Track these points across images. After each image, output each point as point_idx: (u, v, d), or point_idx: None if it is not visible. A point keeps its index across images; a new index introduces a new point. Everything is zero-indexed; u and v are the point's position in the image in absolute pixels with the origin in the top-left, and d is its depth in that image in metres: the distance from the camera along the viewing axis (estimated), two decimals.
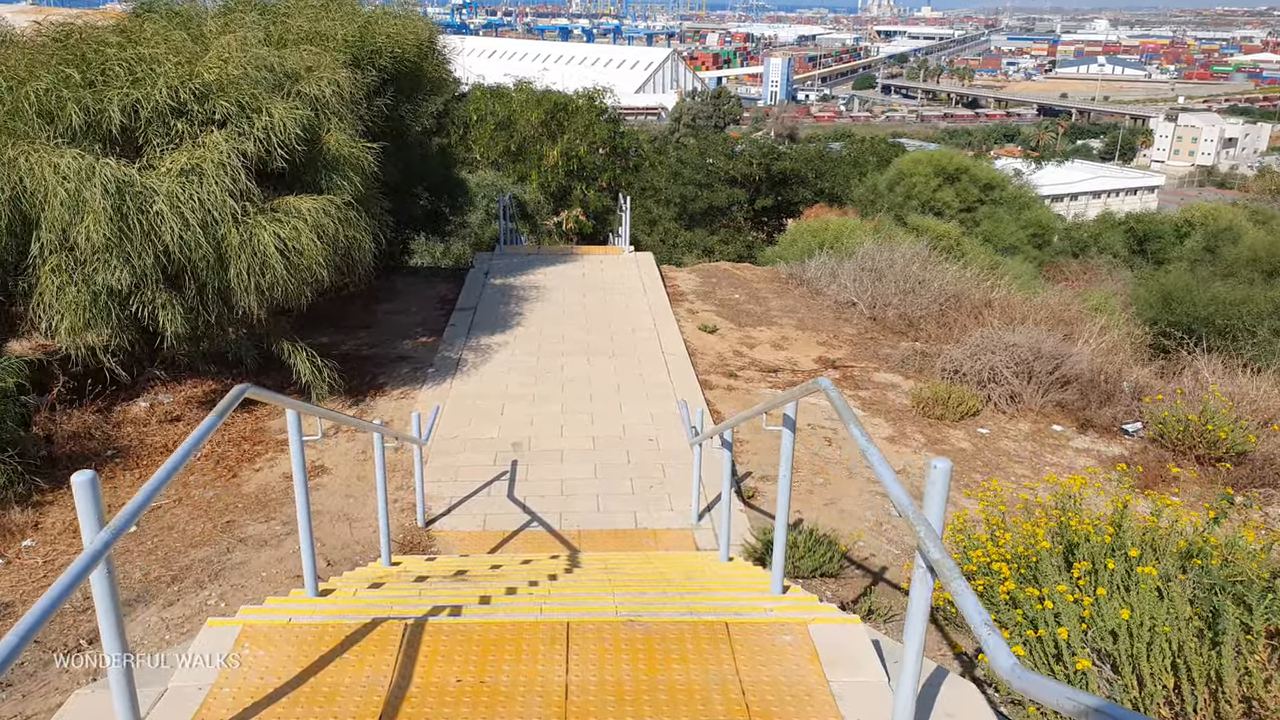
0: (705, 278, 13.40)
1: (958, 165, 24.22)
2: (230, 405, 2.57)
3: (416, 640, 2.96)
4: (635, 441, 7.81)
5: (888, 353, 10.71)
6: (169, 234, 6.63)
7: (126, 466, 7.05)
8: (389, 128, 9.83)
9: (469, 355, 9.70)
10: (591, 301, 11.61)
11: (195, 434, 2.40)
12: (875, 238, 15.15)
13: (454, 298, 11.71)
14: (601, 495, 6.88)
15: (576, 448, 7.70)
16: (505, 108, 27.77)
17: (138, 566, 5.49)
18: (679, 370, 9.42)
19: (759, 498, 7.06)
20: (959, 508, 7.20)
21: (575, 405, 8.54)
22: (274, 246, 7.08)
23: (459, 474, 7.21)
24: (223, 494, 6.74)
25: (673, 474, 7.25)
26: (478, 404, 8.52)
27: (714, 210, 27.70)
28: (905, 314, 11.96)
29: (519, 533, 6.36)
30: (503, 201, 14.43)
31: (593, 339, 10.28)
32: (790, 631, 2.99)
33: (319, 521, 6.35)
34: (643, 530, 6.43)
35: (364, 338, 10.22)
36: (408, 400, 8.57)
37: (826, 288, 13.06)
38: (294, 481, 3.56)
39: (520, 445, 7.72)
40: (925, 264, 12.93)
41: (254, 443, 7.62)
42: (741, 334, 10.84)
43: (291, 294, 7.38)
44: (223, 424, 8.00)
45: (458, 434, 7.87)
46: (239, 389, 2.69)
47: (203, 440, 2.36)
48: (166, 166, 6.89)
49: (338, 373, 8.21)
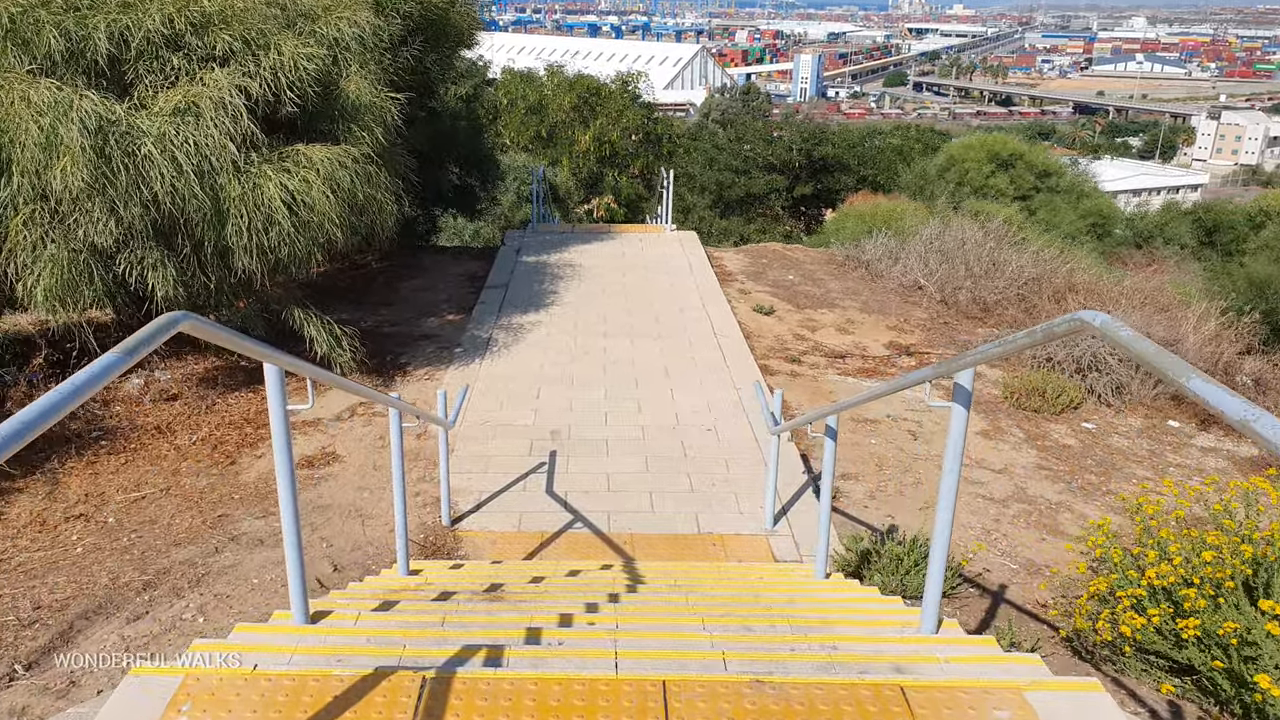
0: (754, 258, 12.35)
1: (1012, 151, 22.97)
2: (152, 338, 1.59)
3: (440, 705, 1.96)
4: (691, 431, 6.79)
5: (964, 339, 9.61)
6: (158, 181, 5.69)
7: (113, 450, 6.14)
8: (415, 81, 8.86)
9: (500, 335, 8.72)
10: (633, 281, 10.60)
11: (74, 380, 1.40)
12: (933, 222, 14.02)
13: (483, 275, 10.74)
14: (655, 493, 5.87)
15: (623, 437, 6.69)
16: (536, 92, 26.85)
17: (106, 568, 4.55)
18: (735, 354, 8.39)
19: (841, 499, 6.01)
20: (1077, 513, 6.12)
21: (620, 390, 7.54)
22: (280, 199, 6.13)
23: (489, 464, 6.22)
24: (218, 483, 5.80)
25: (738, 470, 6.22)
26: (510, 387, 7.54)
27: (751, 198, 26.59)
28: (979, 297, 10.84)
29: (560, 535, 5.36)
30: (536, 177, 13.45)
31: (636, 320, 9.27)
32: (1005, 703, 1.96)
33: (327, 517, 5.39)
34: (706, 535, 5.41)
35: (385, 315, 9.27)
36: (432, 382, 7.60)
37: (889, 270, 11.97)
38: (276, 465, 2.57)
39: (559, 433, 6.73)
40: (999, 245, 11.78)
41: (257, 425, 6.68)
42: (801, 316, 9.78)
43: (300, 256, 6.43)
44: (222, 403, 7.08)
45: (488, 419, 6.89)
46: (170, 316, 1.71)
47: (83, 394, 1.36)
48: (159, 106, 5.95)
49: (359, 343, 7.24)
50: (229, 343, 2.01)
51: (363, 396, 4.22)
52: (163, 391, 7.04)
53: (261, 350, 2.26)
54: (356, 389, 3.37)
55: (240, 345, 2.11)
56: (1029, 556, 5.57)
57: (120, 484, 5.68)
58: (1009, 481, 6.55)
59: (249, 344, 2.17)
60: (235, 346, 2.09)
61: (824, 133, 27.32)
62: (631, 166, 27.47)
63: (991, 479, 6.55)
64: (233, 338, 2.04)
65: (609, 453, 6.44)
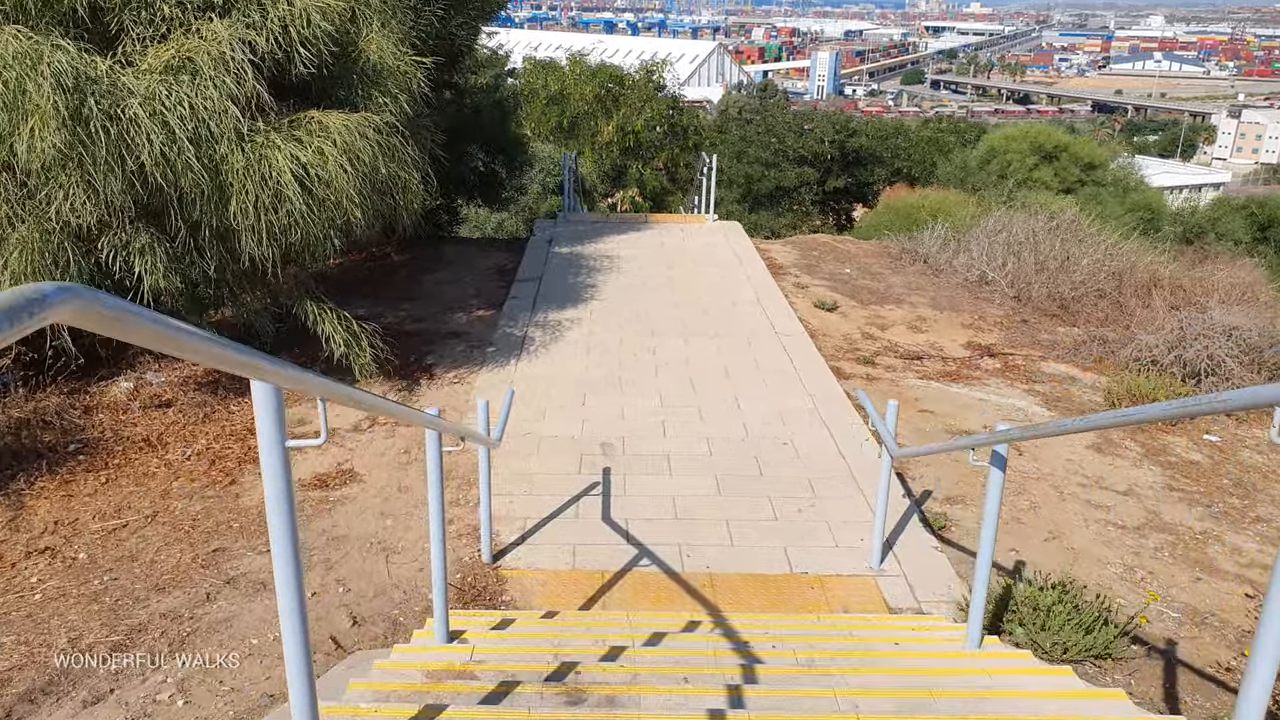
0: (804, 251, 11.39)
1: (1056, 142, 21.93)
2: None
3: None
4: (765, 446, 5.85)
5: (1046, 338, 8.64)
6: (146, 149, 4.79)
7: (92, 466, 5.25)
8: (440, 48, 7.94)
9: (536, 333, 7.80)
10: (679, 274, 9.66)
11: None
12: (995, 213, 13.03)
13: (513, 267, 9.83)
14: (732, 521, 4.93)
15: (687, 452, 5.76)
16: (557, 82, 25.97)
17: (68, 623, 3.64)
18: (801, 354, 7.44)
19: (952, 528, 5.07)
20: (1229, 545, 5.15)
21: (677, 396, 6.60)
22: (291, 173, 5.22)
23: (533, 485, 5.30)
24: (214, 508, 4.90)
25: (826, 491, 5.27)
26: (551, 392, 6.62)
27: (780, 191, 25.61)
28: (1055, 293, 9.86)
29: (624, 575, 4.44)
30: (567, 163, 12.54)
31: (686, 315, 8.33)
32: None
33: (344, 552, 4.48)
34: (801, 576, 4.47)
35: (408, 310, 8.37)
36: (464, 386, 6.68)
37: (950, 263, 11.00)
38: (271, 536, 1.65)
39: (611, 447, 5.80)
40: (1071, 236, 10.80)
41: None
42: (867, 313, 8.83)
43: (315, 240, 5.52)
44: (223, 411, 6.18)
45: (529, 430, 5.97)
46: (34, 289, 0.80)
47: None
48: (148, 63, 5.06)
49: (381, 342, 6.33)
50: (170, 344, 1.04)
51: (392, 416, 3.29)
52: (155, 397, 6.16)
53: (247, 359, 1.31)
54: (385, 407, 2.45)
55: (199, 349, 1.14)
56: (1187, 600, 4.61)
57: (98, 509, 4.78)
58: (1138, 505, 5.58)
59: (220, 349, 1.22)
60: (188, 353, 1.13)
61: (856, 124, 26.30)
62: (656, 159, 26.54)
63: (1117, 502, 5.59)
64: (183, 336, 1.08)
65: (671, 470, 5.51)
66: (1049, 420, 6.79)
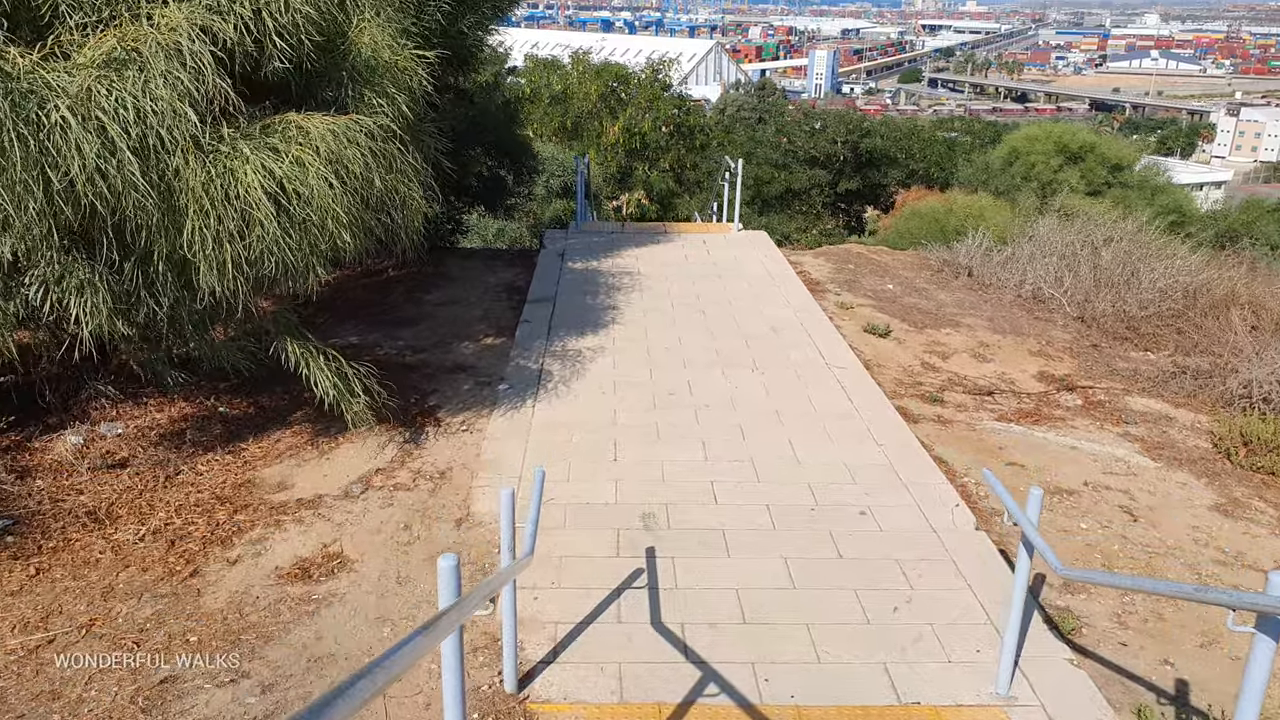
0: (839, 263, 10.42)
1: (1082, 143, 20.98)
2: None
3: None
4: (838, 515, 4.88)
5: (1124, 366, 7.68)
6: (76, 163, 3.81)
7: (21, 551, 4.26)
8: (446, 45, 6.96)
9: (553, 366, 6.82)
10: (707, 291, 8.68)
11: None
12: (1041, 220, 12.08)
13: (523, 285, 8.84)
14: (816, 627, 3.95)
15: (745, 524, 4.78)
16: (561, 81, 25.01)
17: None
18: (861, 392, 6.47)
19: (1082, 631, 4.09)
20: None
21: (724, 447, 5.63)
22: (262, 189, 4.24)
23: (562, 572, 4.33)
24: (168, 611, 3.91)
25: (924, 582, 4.30)
26: (575, 441, 5.64)
27: (790, 194, 24.63)
28: (1121, 312, 8.90)
29: (688, 708, 3.46)
30: (580, 167, 11.54)
31: (722, 344, 7.36)
32: None
33: (330, 679, 3.49)
34: (913, 709, 3.50)
35: (408, 338, 7.38)
36: (473, 435, 5.69)
37: (998, 277, 10.04)
38: None
39: (654, 518, 4.82)
40: (1135, 248, 9.84)
41: (236, 507, 4.80)
42: (924, 338, 7.85)
43: (294, 269, 4.54)
44: (190, 472, 5.16)
45: (553, 494, 4.98)
46: None
47: None
48: (84, 56, 4.07)
49: (379, 383, 5.33)
50: None
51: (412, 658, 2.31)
52: (108, 454, 5.17)
53: None
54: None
55: None
56: None
57: (21, 615, 3.80)
58: None
59: None
60: None
61: (869, 125, 25.33)
62: (662, 160, 25.57)
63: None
64: None
65: (729, 550, 4.54)
66: (1153, 468, 5.83)
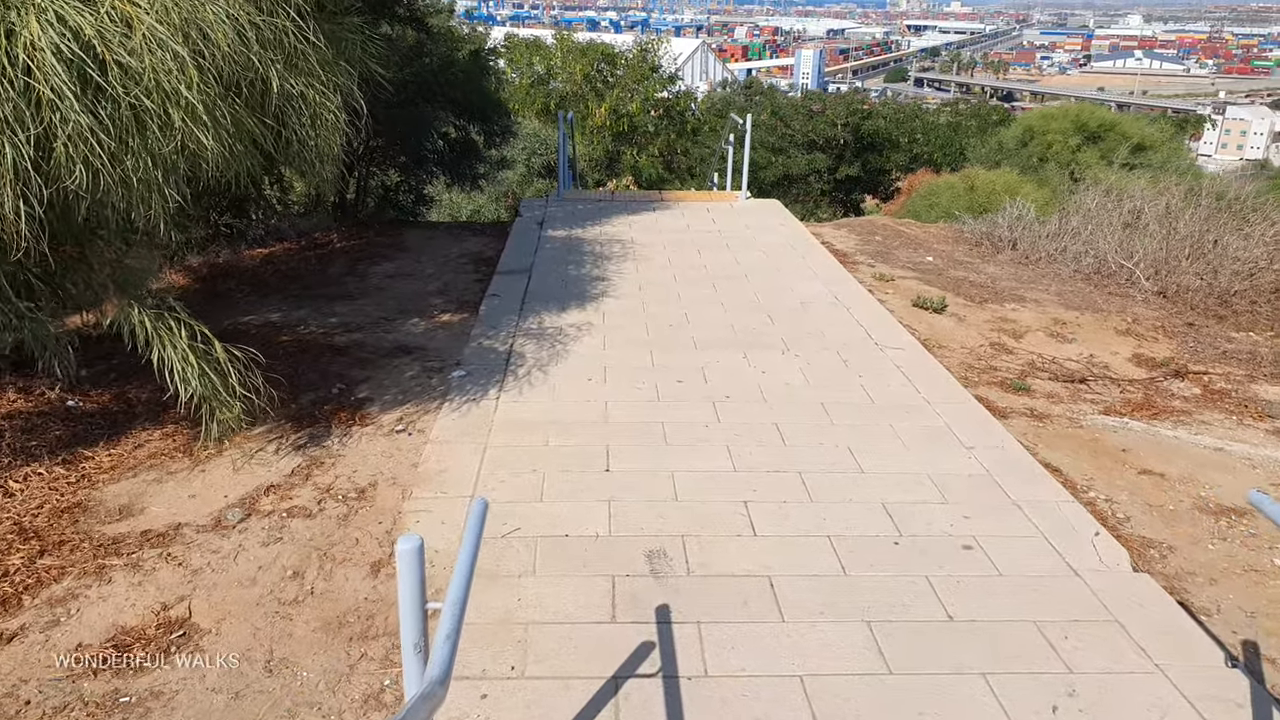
0: (864, 235, 8.93)
1: (1101, 121, 19.66)
2: None
3: None
4: (933, 550, 3.36)
5: (1232, 349, 6.21)
6: None
7: None
8: None
9: (526, 346, 5.28)
10: (716, 263, 7.16)
11: None
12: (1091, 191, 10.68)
13: (493, 255, 7.30)
14: None
15: (800, 568, 3.25)
16: (544, 62, 23.51)
17: None
18: (925, 378, 4.97)
19: None
20: None
21: (757, 454, 4.10)
22: (60, 50, 2.69)
23: (527, 650, 2.78)
24: None
25: (1088, 662, 2.79)
26: (553, 446, 4.10)
27: (789, 179, 23.19)
28: (1213, 285, 7.45)
29: None
30: (563, 127, 9.99)
31: (741, 320, 5.84)
32: None
33: None
34: None
35: (344, 314, 5.83)
36: (412, 439, 4.14)
37: (1048, 250, 8.59)
38: None
39: (664, 557, 3.29)
40: (1216, 213, 8.42)
41: (45, 545, 3.24)
42: (987, 314, 6.36)
43: (122, 183, 2.98)
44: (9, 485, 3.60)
45: (519, 522, 3.44)
46: None
47: None
48: None
49: (276, 370, 3.76)
50: None
51: None
52: None
53: None
54: None
55: None
56: None
57: None
58: None
59: None
60: None
61: (866, 110, 23.94)
62: (651, 145, 24.08)
63: None
64: None
65: (783, 611, 3.00)
66: None
